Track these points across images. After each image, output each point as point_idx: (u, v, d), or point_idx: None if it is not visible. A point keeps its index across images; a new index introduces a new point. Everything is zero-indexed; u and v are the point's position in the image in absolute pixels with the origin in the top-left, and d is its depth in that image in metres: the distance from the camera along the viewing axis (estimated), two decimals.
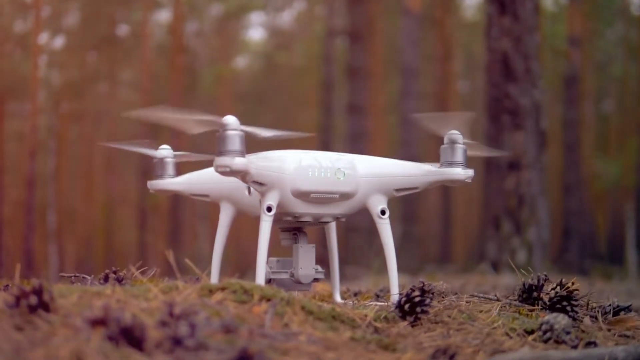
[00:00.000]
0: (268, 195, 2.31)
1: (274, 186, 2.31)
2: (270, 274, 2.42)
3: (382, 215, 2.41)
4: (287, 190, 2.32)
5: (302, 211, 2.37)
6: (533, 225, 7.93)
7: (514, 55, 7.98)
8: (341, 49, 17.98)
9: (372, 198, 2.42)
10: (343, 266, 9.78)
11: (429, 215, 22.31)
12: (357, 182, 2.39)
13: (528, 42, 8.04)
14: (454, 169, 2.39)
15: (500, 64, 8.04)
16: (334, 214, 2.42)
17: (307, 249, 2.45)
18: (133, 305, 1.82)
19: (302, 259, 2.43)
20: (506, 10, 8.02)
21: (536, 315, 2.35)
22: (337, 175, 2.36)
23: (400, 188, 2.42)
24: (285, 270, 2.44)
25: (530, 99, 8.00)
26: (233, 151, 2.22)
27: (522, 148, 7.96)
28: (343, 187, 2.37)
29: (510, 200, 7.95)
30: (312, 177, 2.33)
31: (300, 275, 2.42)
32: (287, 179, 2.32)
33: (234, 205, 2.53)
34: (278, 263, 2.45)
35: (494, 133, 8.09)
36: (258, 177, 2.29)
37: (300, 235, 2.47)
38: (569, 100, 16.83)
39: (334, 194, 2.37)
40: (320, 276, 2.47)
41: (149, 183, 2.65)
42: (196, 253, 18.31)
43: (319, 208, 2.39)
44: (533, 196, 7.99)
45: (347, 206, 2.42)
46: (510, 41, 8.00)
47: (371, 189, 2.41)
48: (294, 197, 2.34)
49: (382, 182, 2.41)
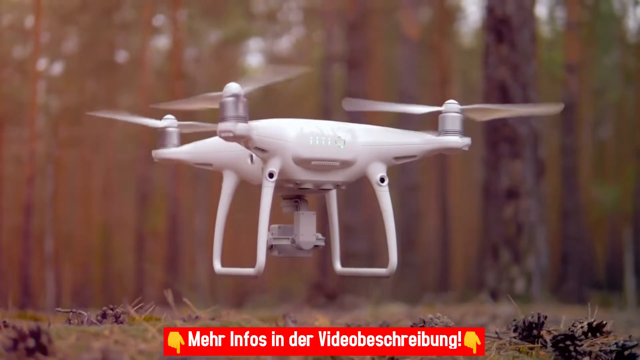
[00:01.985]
0: (270, 162, 2.34)
1: (275, 153, 2.34)
2: (272, 240, 2.45)
3: (381, 183, 2.44)
4: (288, 157, 2.35)
5: (303, 178, 2.40)
6: (532, 254, 7.93)
7: (512, 83, 8.01)
8: (339, 75, 18.04)
9: (372, 166, 2.44)
10: (342, 295, 9.76)
11: (428, 243, 22.28)
12: (357, 150, 2.42)
13: (525, 70, 8.07)
14: (451, 137, 2.42)
15: (498, 92, 8.06)
16: (335, 182, 2.45)
17: (308, 215, 2.48)
18: (131, 346, 1.81)
19: (303, 226, 2.46)
20: (503, 39, 8.06)
21: (536, 353, 2.34)
22: (338, 143, 2.40)
23: (399, 156, 2.46)
24: (287, 237, 2.47)
25: (528, 128, 8.02)
26: (236, 117, 2.26)
27: (521, 176, 7.98)
28: (343, 154, 2.41)
29: (509, 229, 7.95)
30: (313, 144, 2.37)
31: (301, 241, 2.45)
32: (289, 146, 2.35)
33: (237, 174, 2.54)
34: (279, 230, 2.48)
35: (493, 161, 8.11)
36: (260, 143, 2.31)
37: (302, 203, 2.50)
38: (566, 127, 16.87)
39: (335, 162, 2.40)
40: (321, 243, 2.49)
41: (154, 152, 2.67)
42: (195, 280, 18.25)
43: (319, 175, 2.42)
44: (532, 225, 7.99)
45: (348, 174, 2.45)
46: (508, 70, 8.03)
47: (371, 157, 2.44)
48: (295, 164, 2.37)
49: (381, 150, 2.44)
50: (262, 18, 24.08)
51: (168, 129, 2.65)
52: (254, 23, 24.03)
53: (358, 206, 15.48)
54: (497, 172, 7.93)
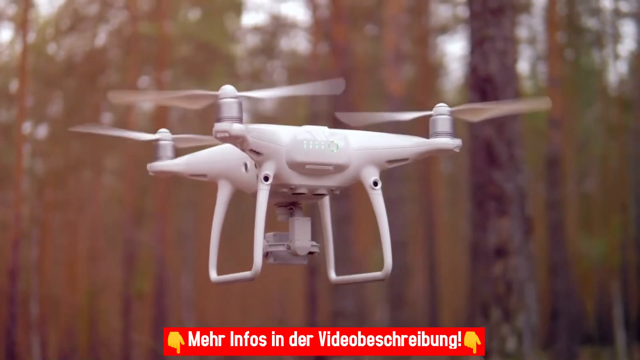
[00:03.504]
0: (265, 165, 2.38)
1: (270, 156, 2.38)
2: (268, 247, 2.46)
3: (374, 187, 2.47)
4: (282, 161, 2.39)
5: (297, 182, 2.43)
6: (522, 312, 7.88)
7: (497, 141, 8.03)
8: None
9: (365, 170, 2.48)
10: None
11: (416, 299, 22.18)
12: (350, 154, 2.46)
13: (511, 128, 8.10)
14: (442, 138, 2.48)
15: (483, 150, 8.08)
16: (329, 186, 2.49)
17: (302, 221, 2.50)
18: None
19: (298, 231, 2.48)
20: (488, 98, 8.10)
21: None
22: (331, 147, 2.44)
23: (391, 159, 2.51)
24: (282, 243, 2.48)
25: (514, 185, 8.02)
26: (231, 117, 2.30)
27: (508, 234, 7.96)
28: (337, 159, 2.44)
29: (498, 287, 7.91)
30: (307, 148, 2.41)
31: (297, 246, 2.47)
32: (283, 150, 2.39)
33: (232, 184, 2.57)
34: (275, 237, 2.50)
35: (480, 219, 8.10)
36: (255, 146, 2.36)
37: (296, 209, 2.53)
38: (551, 182, 16.94)
39: (329, 166, 2.44)
40: (316, 249, 2.51)
41: (149, 166, 2.69)
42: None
43: (313, 180, 2.45)
44: (521, 282, 7.96)
45: (341, 178, 2.48)
46: (493, 128, 8.05)
47: (364, 161, 2.48)
48: (290, 169, 2.41)
49: (374, 154, 2.49)
50: (247, 78, 24.24)
51: (161, 141, 2.67)
52: (238, 83, 24.17)
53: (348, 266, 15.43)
54: (484, 231, 7.91)
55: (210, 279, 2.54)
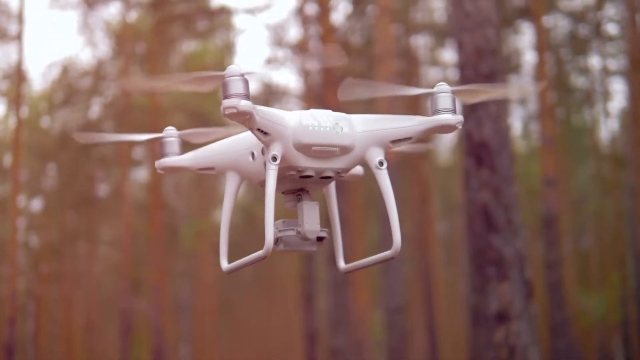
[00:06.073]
0: (272, 146, 2.41)
1: (277, 137, 2.40)
2: (278, 232, 2.47)
3: (380, 166, 2.51)
4: (289, 143, 2.42)
5: (304, 165, 2.46)
6: None
7: (495, 206, 8.02)
8: None
9: (370, 151, 2.51)
10: None
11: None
12: (355, 136, 2.49)
13: (507, 192, 8.10)
14: (443, 115, 2.47)
15: (481, 215, 8.07)
16: (335, 168, 2.50)
17: (311, 205, 2.53)
18: None
19: (307, 215, 2.51)
20: (483, 163, 8.11)
21: None
22: (336, 129, 2.47)
23: (395, 139, 2.52)
24: (292, 228, 2.50)
25: (513, 249, 7.99)
26: (238, 94, 2.32)
27: (509, 299, 7.91)
28: (342, 140, 2.47)
29: (500, 353, 7.83)
30: (312, 130, 2.44)
31: (306, 230, 2.49)
32: (289, 133, 2.41)
33: (239, 174, 2.58)
34: (284, 223, 2.52)
35: (479, 284, 8.05)
36: (262, 125, 2.38)
37: (304, 195, 2.55)
38: (548, 241, 16.90)
39: (335, 147, 2.46)
40: (325, 234, 2.53)
41: (156, 163, 2.70)
42: None
43: (320, 162, 2.47)
44: (523, 347, 7.88)
45: (347, 160, 2.51)
46: (490, 193, 8.05)
47: (368, 142, 2.51)
48: (296, 151, 2.43)
49: (378, 135, 2.51)
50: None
51: (167, 138, 2.69)
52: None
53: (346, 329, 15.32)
54: (485, 295, 7.86)
55: (222, 270, 2.61)
